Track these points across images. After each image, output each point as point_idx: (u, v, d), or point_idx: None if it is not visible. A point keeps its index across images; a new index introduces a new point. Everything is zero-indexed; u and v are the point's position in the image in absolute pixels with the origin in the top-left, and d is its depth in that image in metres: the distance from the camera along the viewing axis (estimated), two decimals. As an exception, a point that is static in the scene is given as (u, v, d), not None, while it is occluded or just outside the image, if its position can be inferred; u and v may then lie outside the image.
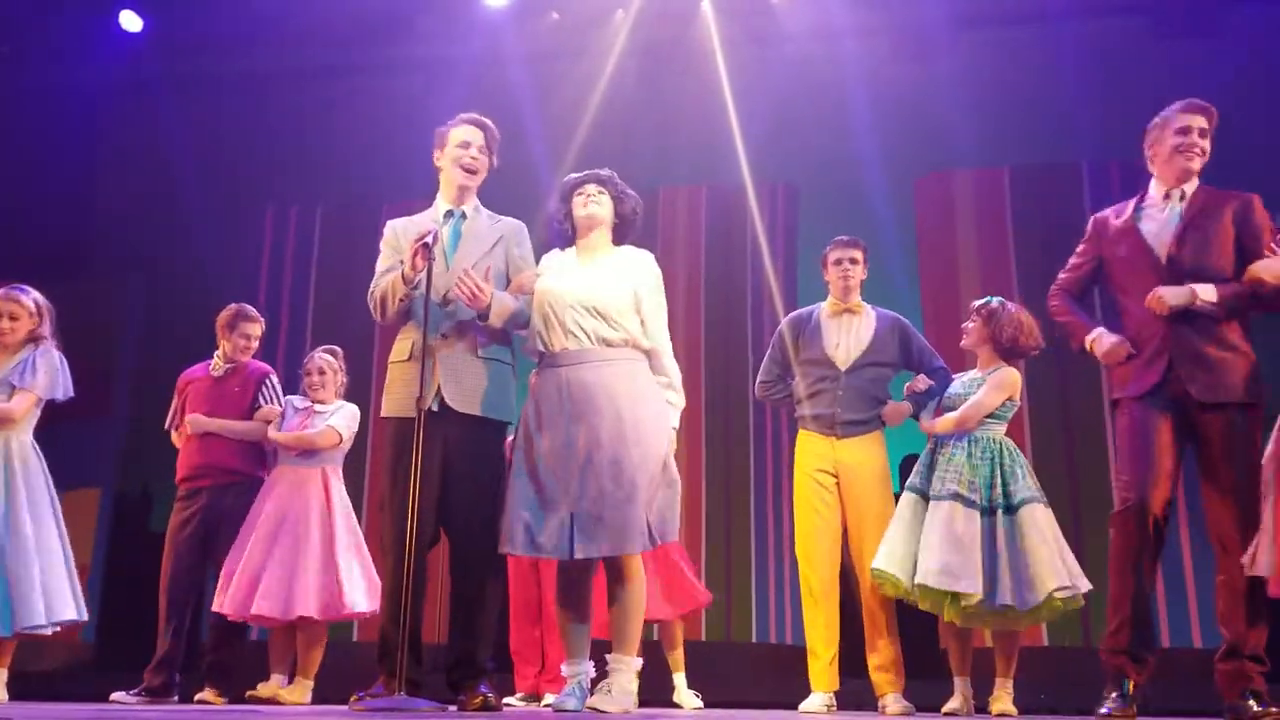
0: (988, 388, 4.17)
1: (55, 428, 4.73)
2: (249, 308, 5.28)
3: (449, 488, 3.52)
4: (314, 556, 4.62)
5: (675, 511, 3.29)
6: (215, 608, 4.74)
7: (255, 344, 5.21)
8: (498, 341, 3.61)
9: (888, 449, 4.51)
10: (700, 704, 4.70)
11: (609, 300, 3.32)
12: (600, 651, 3.35)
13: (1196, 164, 3.53)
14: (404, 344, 3.60)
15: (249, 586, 4.62)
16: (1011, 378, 4.20)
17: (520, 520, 3.26)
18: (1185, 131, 3.51)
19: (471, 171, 3.72)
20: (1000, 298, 4.37)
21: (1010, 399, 4.18)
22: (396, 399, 3.58)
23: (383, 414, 3.61)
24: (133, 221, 8.44)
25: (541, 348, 3.45)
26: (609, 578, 3.32)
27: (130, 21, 7.99)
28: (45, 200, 8.26)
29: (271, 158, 8.29)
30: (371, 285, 3.66)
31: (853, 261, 4.53)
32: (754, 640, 7.17)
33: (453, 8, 7.79)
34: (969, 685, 4.18)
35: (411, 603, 3.33)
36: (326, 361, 5.03)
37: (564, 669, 3.35)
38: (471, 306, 3.44)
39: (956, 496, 4.03)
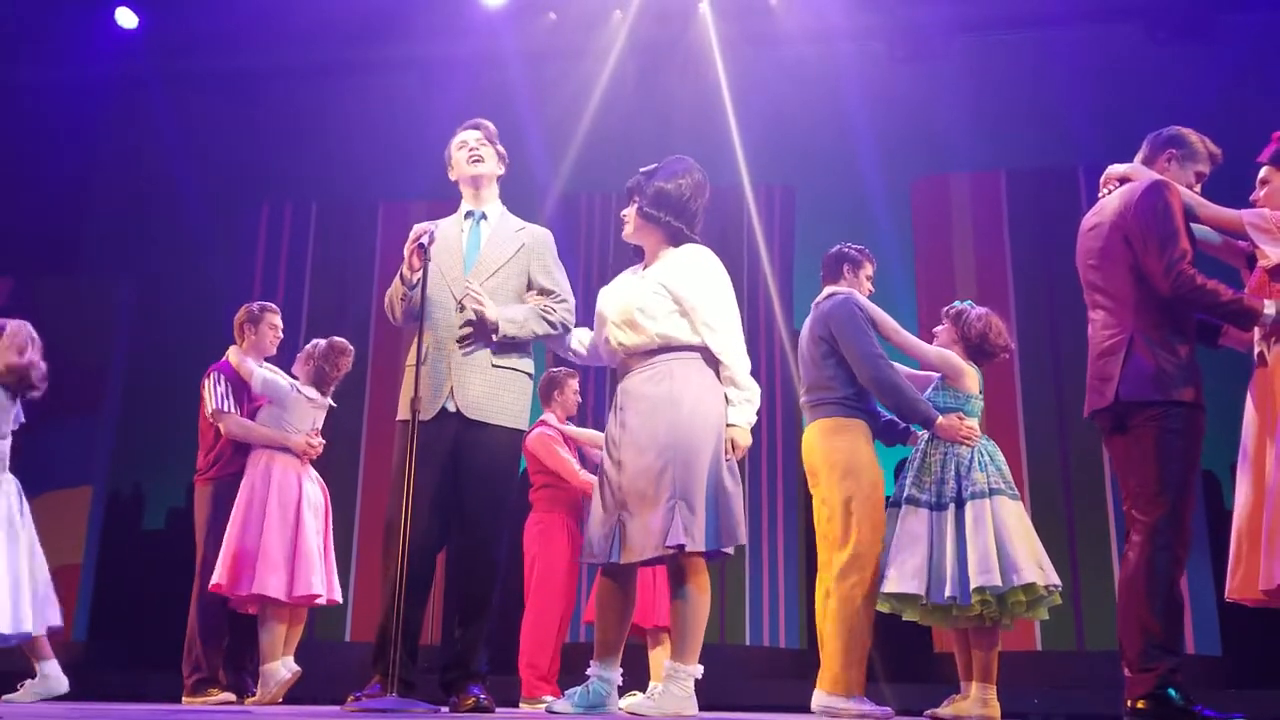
0: (940, 352, 4.14)
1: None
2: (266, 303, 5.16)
3: (457, 490, 3.53)
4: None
5: (725, 517, 3.15)
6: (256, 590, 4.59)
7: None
8: (515, 350, 3.61)
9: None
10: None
11: (638, 309, 3.30)
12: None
13: None
14: (414, 347, 3.58)
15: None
16: (968, 366, 4.15)
17: (589, 529, 3.31)
18: (1201, 178, 3.41)
19: (477, 160, 3.72)
20: (970, 301, 4.37)
21: (966, 391, 4.15)
22: (406, 403, 3.55)
23: (398, 417, 3.61)
24: (127, 219, 8.43)
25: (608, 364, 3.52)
26: (670, 584, 3.30)
27: (126, 19, 7.97)
28: (39, 197, 8.24)
29: (267, 156, 8.28)
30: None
31: None
32: (747, 643, 7.17)
33: (449, 7, 7.77)
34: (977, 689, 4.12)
35: (410, 604, 3.32)
36: (312, 346, 4.98)
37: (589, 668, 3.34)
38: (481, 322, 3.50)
39: (911, 500, 4.03)
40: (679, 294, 3.28)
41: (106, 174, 8.62)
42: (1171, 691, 3.02)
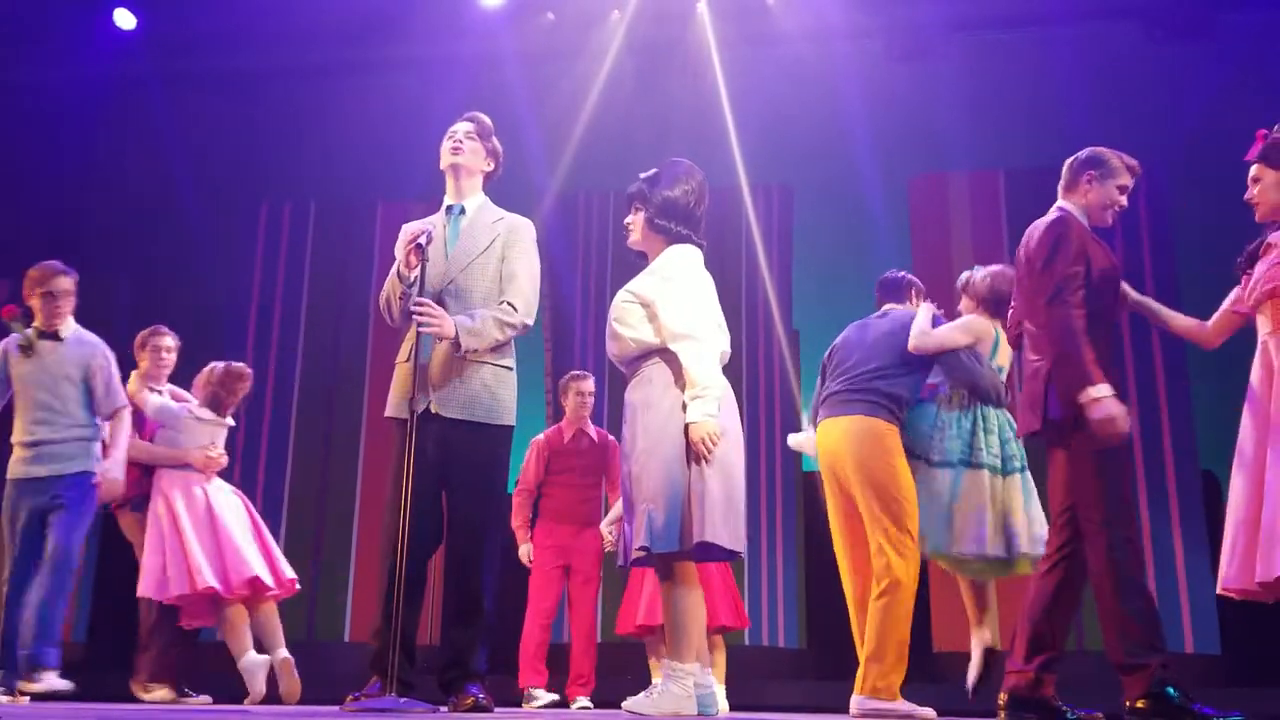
0: (952, 325, 4.10)
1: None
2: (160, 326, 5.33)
3: (446, 491, 3.54)
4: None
5: (691, 517, 3.10)
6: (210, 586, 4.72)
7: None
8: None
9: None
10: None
11: (614, 319, 3.33)
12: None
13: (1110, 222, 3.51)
14: (405, 345, 3.60)
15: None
16: (977, 324, 4.09)
17: None
18: (1124, 191, 3.47)
19: (457, 151, 3.70)
20: (975, 266, 4.32)
21: (980, 348, 4.09)
22: (394, 400, 3.60)
23: (385, 414, 3.63)
24: (125, 219, 8.43)
25: None
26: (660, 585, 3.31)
27: (124, 19, 7.97)
28: (37, 197, 8.24)
29: (265, 156, 8.28)
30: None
31: None
32: (746, 643, 7.16)
33: (448, 7, 7.78)
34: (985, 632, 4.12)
35: (406, 604, 3.33)
36: (209, 370, 5.13)
37: None
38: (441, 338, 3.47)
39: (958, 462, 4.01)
40: (644, 296, 3.29)
41: (106, 174, 8.61)
42: (1170, 690, 3.03)
